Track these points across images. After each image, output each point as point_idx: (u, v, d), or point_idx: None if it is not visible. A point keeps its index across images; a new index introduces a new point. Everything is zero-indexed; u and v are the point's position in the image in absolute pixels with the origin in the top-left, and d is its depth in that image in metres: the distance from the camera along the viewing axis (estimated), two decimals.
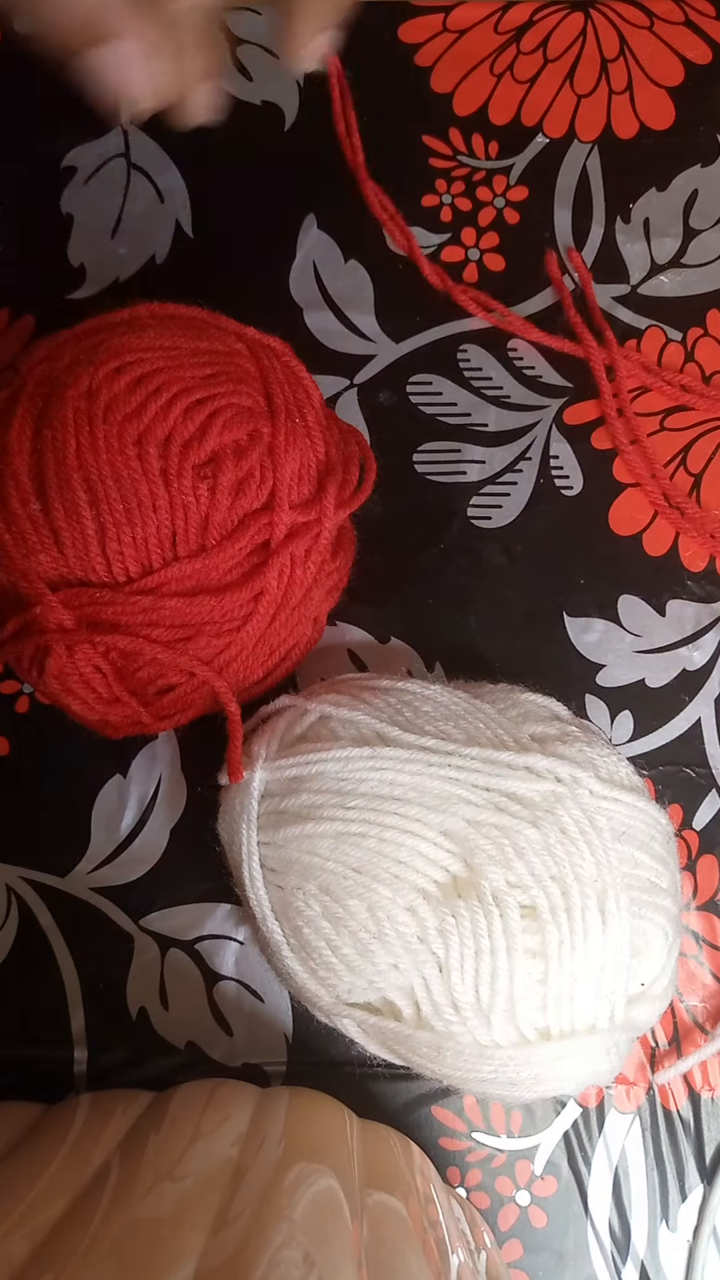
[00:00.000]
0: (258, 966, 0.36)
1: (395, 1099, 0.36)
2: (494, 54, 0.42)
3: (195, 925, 0.37)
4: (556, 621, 0.39)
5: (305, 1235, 0.24)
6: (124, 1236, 0.24)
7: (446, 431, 0.40)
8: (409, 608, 0.39)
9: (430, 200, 0.41)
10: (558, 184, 0.41)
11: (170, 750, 0.38)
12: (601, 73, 0.42)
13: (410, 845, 0.28)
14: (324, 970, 0.29)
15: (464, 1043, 0.28)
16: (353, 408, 0.40)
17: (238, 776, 0.30)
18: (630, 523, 0.39)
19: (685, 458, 0.39)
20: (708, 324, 0.40)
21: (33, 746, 0.38)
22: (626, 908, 0.28)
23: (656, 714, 0.38)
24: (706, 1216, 0.35)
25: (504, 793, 0.29)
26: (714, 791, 0.38)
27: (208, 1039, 0.36)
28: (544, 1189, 0.35)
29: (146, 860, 0.37)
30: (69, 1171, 0.27)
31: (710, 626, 0.38)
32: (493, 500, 0.39)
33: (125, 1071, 0.36)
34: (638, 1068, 0.36)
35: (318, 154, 0.41)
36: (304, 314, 0.40)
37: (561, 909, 0.28)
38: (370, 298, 0.40)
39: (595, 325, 0.40)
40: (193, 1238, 0.24)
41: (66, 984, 0.36)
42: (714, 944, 0.37)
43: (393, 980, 0.29)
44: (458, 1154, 0.36)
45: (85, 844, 0.37)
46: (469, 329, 0.40)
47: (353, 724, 0.31)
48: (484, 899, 0.28)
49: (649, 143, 0.41)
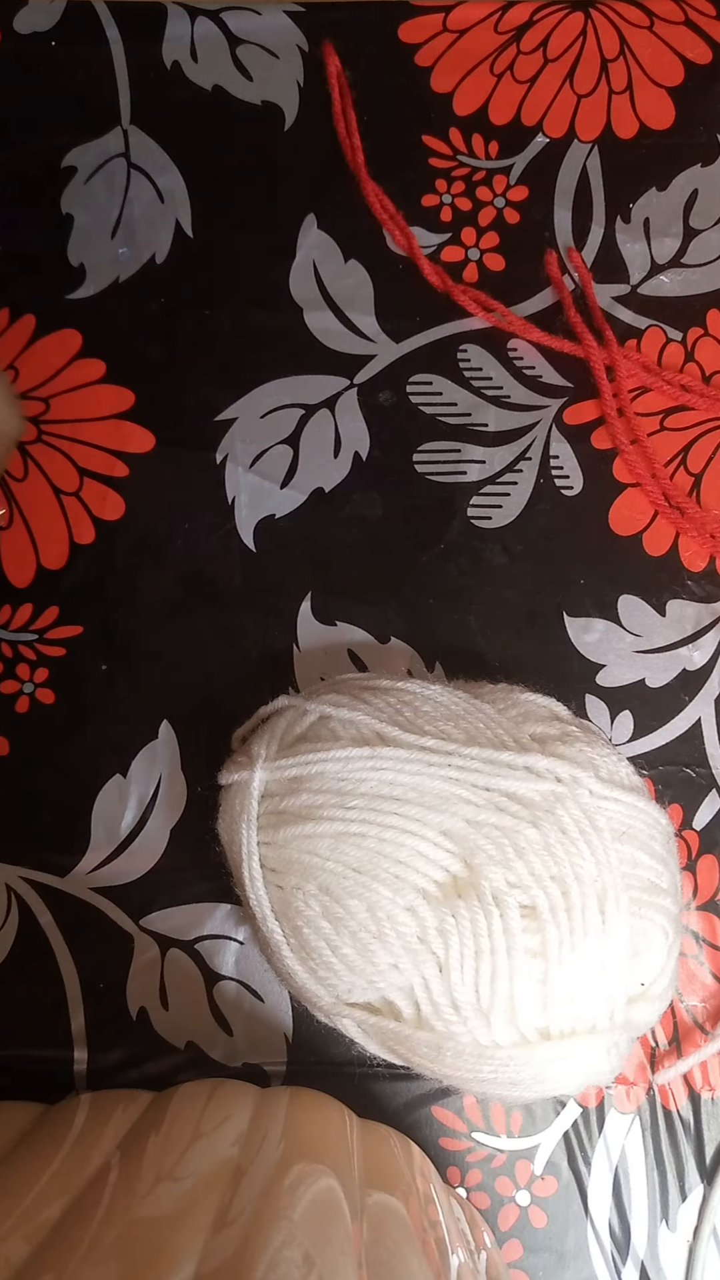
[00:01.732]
0: (258, 966, 0.36)
1: (395, 1099, 0.36)
2: (494, 54, 0.42)
3: (195, 925, 0.37)
4: (556, 621, 0.39)
5: (305, 1235, 0.24)
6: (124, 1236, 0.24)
7: (446, 431, 0.40)
8: (409, 608, 0.39)
9: (430, 200, 0.41)
10: (558, 184, 0.41)
11: (170, 750, 0.38)
12: (601, 72, 0.42)
13: (410, 845, 0.28)
14: (324, 970, 0.29)
15: (464, 1043, 0.28)
16: (353, 408, 0.40)
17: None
18: (630, 523, 0.39)
19: (685, 457, 0.39)
20: (708, 324, 0.40)
21: (33, 746, 0.38)
22: (626, 908, 0.28)
23: (656, 714, 0.38)
24: (706, 1216, 0.35)
25: (504, 793, 0.29)
26: (714, 791, 0.38)
27: (208, 1039, 0.36)
28: (544, 1189, 0.35)
29: (146, 860, 0.37)
30: (69, 1171, 0.27)
31: (710, 626, 0.38)
32: (493, 500, 0.39)
33: (125, 1071, 0.36)
34: (638, 1068, 0.36)
35: (318, 154, 0.41)
36: (304, 314, 0.40)
37: (561, 909, 0.28)
38: (370, 298, 0.40)
39: (595, 325, 0.40)
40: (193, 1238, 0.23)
41: (66, 984, 0.36)
42: (714, 944, 0.37)
43: (393, 980, 0.29)
44: (458, 1154, 0.36)
45: (85, 844, 0.37)
46: (469, 329, 0.40)
47: (353, 724, 0.31)
48: (484, 899, 0.28)
49: (649, 143, 0.41)
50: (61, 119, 0.41)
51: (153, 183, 0.41)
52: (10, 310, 0.40)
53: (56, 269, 0.40)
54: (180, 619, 0.39)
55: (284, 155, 0.41)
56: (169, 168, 0.41)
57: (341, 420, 0.40)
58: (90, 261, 0.41)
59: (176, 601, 0.39)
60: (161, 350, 0.40)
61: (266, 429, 0.40)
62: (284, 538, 0.39)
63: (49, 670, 0.38)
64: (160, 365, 0.40)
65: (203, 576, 0.39)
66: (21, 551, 0.39)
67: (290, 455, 0.39)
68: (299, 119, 0.41)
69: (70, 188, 0.41)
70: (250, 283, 0.41)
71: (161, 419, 0.40)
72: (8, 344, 0.40)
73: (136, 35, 0.42)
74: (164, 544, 0.39)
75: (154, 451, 0.40)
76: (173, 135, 0.41)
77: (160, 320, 0.40)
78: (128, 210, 0.41)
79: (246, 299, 0.40)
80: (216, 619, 0.39)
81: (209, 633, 0.38)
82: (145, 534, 0.39)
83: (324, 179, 0.41)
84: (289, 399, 0.40)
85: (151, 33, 0.42)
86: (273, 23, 0.42)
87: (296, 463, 0.39)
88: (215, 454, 0.39)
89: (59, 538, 0.39)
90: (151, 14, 0.42)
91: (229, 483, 0.39)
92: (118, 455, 0.39)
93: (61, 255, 0.40)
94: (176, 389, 0.40)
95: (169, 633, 0.38)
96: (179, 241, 0.41)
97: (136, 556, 0.39)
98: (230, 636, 0.38)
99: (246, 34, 0.42)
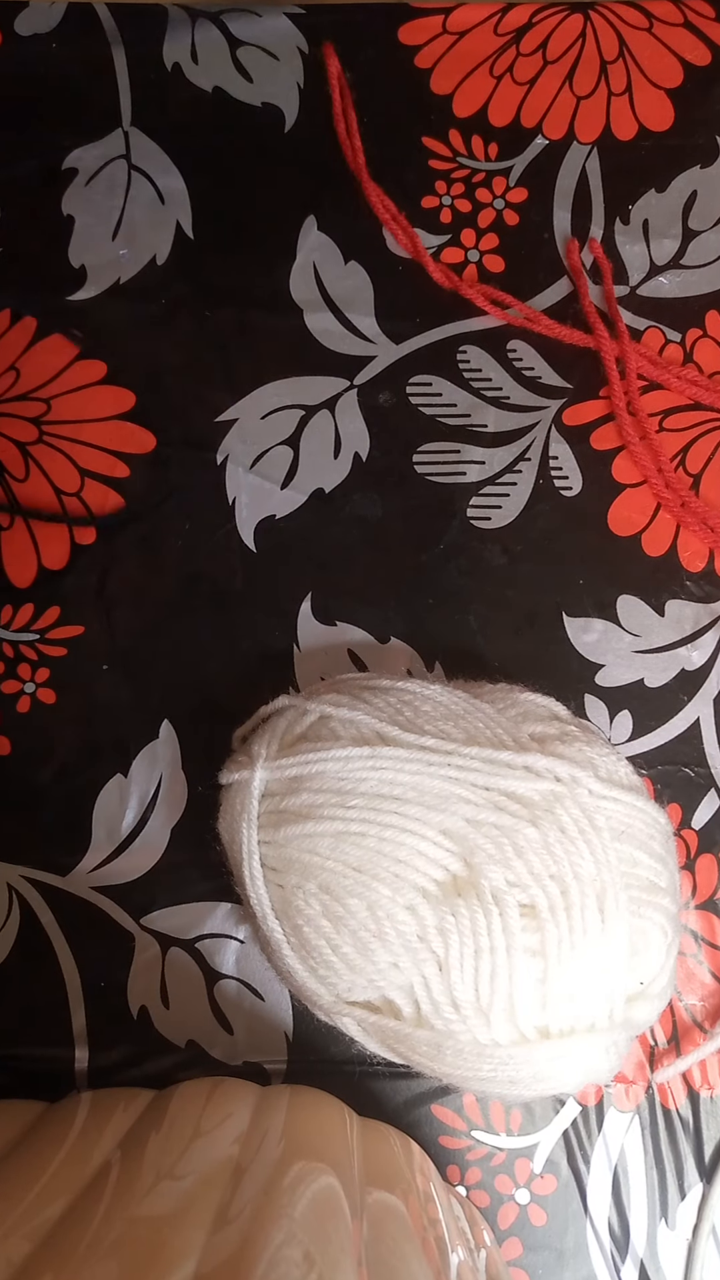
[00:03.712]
0: (258, 965, 0.37)
1: (395, 1097, 0.36)
2: (494, 55, 0.42)
3: (196, 924, 0.37)
4: (556, 621, 0.39)
5: (305, 1233, 0.24)
6: (124, 1235, 0.24)
7: (446, 432, 0.40)
8: (409, 608, 0.39)
9: (430, 202, 0.41)
10: (557, 185, 0.41)
11: (170, 750, 0.38)
12: (601, 74, 0.42)
13: (410, 844, 0.29)
14: (324, 969, 0.29)
15: (463, 1041, 0.28)
16: (353, 409, 0.40)
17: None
18: (629, 523, 0.39)
19: (685, 457, 0.40)
20: (706, 325, 0.40)
21: (33, 746, 0.38)
22: (625, 907, 0.28)
23: (655, 714, 0.38)
24: (705, 1215, 0.35)
25: (503, 792, 0.29)
26: (713, 791, 0.38)
27: (208, 1037, 0.36)
28: (543, 1187, 0.35)
29: (147, 859, 0.37)
30: (69, 1170, 0.27)
31: (709, 626, 0.39)
32: (492, 501, 0.39)
33: (126, 1070, 0.36)
34: (637, 1066, 0.36)
35: (318, 155, 0.41)
36: (304, 315, 0.40)
37: (561, 908, 0.28)
38: (370, 299, 0.40)
39: (609, 317, 0.40)
40: (193, 1236, 0.24)
41: (67, 982, 0.36)
42: (713, 943, 0.37)
43: (392, 979, 0.29)
44: (457, 1152, 0.36)
45: (86, 843, 0.37)
46: (469, 330, 0.40)
47: (353, 724, 0.31)
48: (483, 898, 0.28)
49: (648, 144, 0.41)
50: (62, 121, 0.41)
51: (153, 184, 0.41)
52: (11, 311, 0.40)
53: (57, 270, 0.40)
54: (181, 619, 0.39)
55: (284, 157, 0.41)
56: (169, 169, 0.41)
57: (342, 421, 0.40)
58: (91, 263, 0.41)
59: (177, 602, 0.39)
60: (162, 351, 0.40)
61: (267, 430, 0.40)
62: (284, 538, 0.39)
63: (50, 670, 0.38)
64: (161, 366, 0.40)
65: (203, 577, 0.39)
66: (22, 552, 0.39)
67: (290, 456, 0.40)
68: (299, 121, 0.42)
69: (71, 189, 0.41)
70: (250, 284, 0.41)
71: (162, 420, 0.40)
72: (8, 345, 0.40)
73: (137, 37, 0.42)
74: (165, 544, 0.39)
75: (155, 452, 0.40)
76: (173, 137, 0.41)
77: (160, 321, 0.40)
78: (128, 212, 0.41)
79: (247, 300, 0.40)
80: (217, 619, 0.39)
81: (209, 633, 0.39)
82: (146, 534, 0.39)
83: (324, 180, 0.41)
84: (289, 400, 0.40)
85: (152, 35, 0.42)
86: (273, 25, 0.42)
87: (297, 463, 0.40)
88: (216, 455, 0.40)
89: (60, 538, 0.39)
90: (152, 16, 0.42)
91: (229, 483, 0.39)
92: (118, 456, 0.40)
93: (62, 256, 0.41)
94: (177, 390, 0.40)
95: (169, 633, 0.39)
96: (179, 243, 0.41)
97: (137, 556, 0.39)
98: (230, 636, 0.39)
99: (247, 36, 0.42)
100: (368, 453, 0.40)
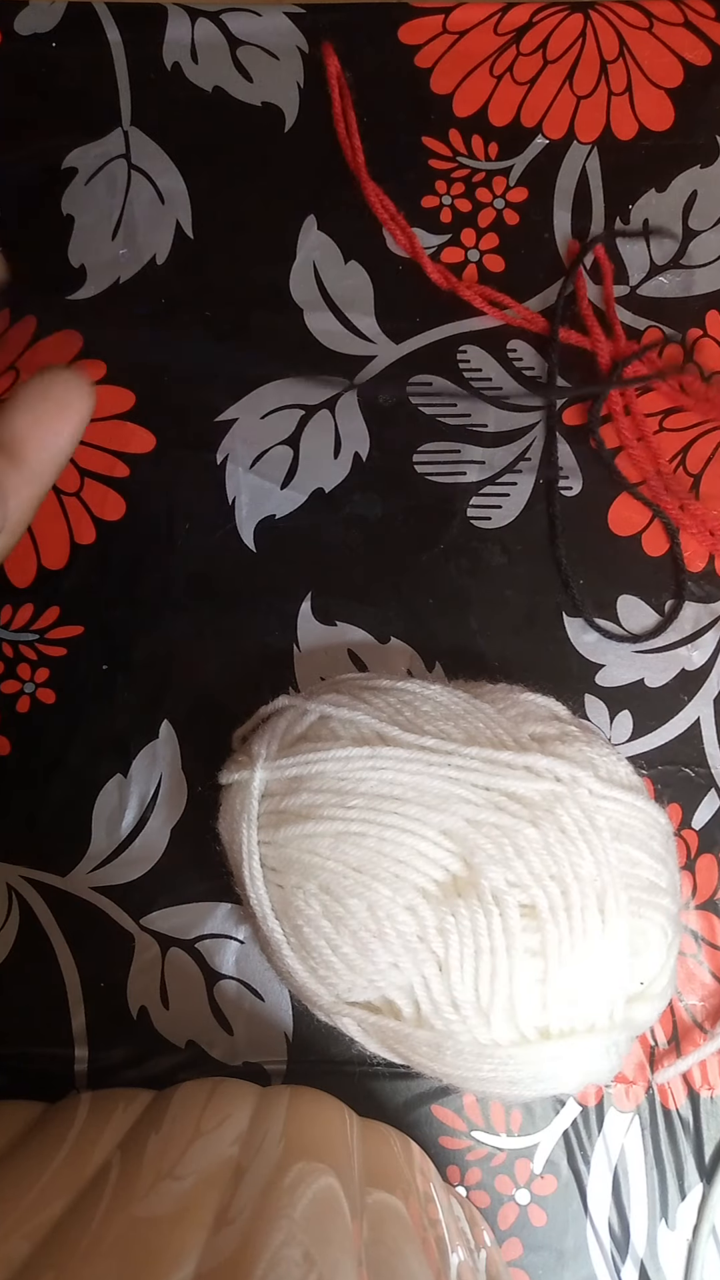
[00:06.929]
0: (258, 965, 0.37)
1: (395, 1098, 0.36)
2: (494, 55, 0.42)
3: (196, 924, 0.37)
4: (556, 621, 0.39)
5: (305, 1234, 0.24)
6: (124, 1235, 0.24)
7: (446, 432, 0.40)
8: (409, 608, 0.39)
9: (430, 201, 0.41)
10: (557, 185, 0.41)
11: (170, 750, 0.38)
12: (601, 74, 0.42)
13: (410, 844, 0.29)
14: (324, 969, 0.29)
15: (463, 1041, 0.28)
16: (353, 408, 0.40)
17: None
18: (629, 523, 0.39)
19: (684, 458, 0.40)
20: (707, 325, 0.40)
21: (33, 746, 0.38)
22: (626, 907, 0.28)
23: (655, 714, 0.38)
24: (706, 1215, 0.35)
25: (504, 792, 0.29)
26: (713, 791, 0.38)
27: (208, 1038, 0.36)
28: (543, 1188, 0.35)
29: (147, 860, 0.37)
30: (69, 1170, 0.27)
31: (709, 626, 0.39)
32: (492, 501, 0.39)
33: (125, 1070, 0.36)
34: (637, 1067, 0.36)
35: (318, 154, 0.41)
36: (304, 315, 0.40)
37: (561, 908, 0.28)
38: (370, 299, 0.40)
39: (607, 319, 0.40)
40: (193, 1236, 0.24)
41: (67, 983, 0.36)
42: (713, 943, 0.37)
43: (392, 979, 0.29)
44: (457, 1152, 0.36)
45: (86, 843, 0.37)
46: (469, 330, 0.40)
47: (353, 724, 0.31)
48: (484, 898, 0.28)
49: (648, 144, 0.41)
50: (62, 120, 0.41)
51: (153, 184, 0.41)
52: (11, 312, 0.40)
53: (57, 270, 0.40)
54: (181, 619, 0.39)
55: (284, 156, 0.41)
56: (169, 169, 0.41)
57: (341, 421, 0.40)
58: (91, 262, 0.41)
59: (177, 601, 0.39)
60: (162, 351, 0.40)
61: (267, 430, 0.40)
62: (284, 538, 0.39)
63: (50, 670, 0.38)
64: (161, 366, 0.40)
65: (203, 577, 0.39)
66: (22, 552, 0.39)
67: (290, 456, 0.40)
68: (299, 120, 0.42)
69: (71, 189, 0.41)
70: (250, 284, 0.41)
71: (162, 420, 0.40)
72: (9, 345, 0.40)
73: (137, 37, 0.42)
74: (165, 544, 0.39)
75: (155, 452, 0.40)
76: (173, 136, 0.41)
77: (161, 321, 0.40)
78: (128, 211, 0.41)
79: (247, 300, 0.40)
80: (217, 619, 0.39)
81: (209, 633, 0.39)
82: (146, 534, 0.39)
83: (324, 180, 0.41)
84: (289, 400, 0.40)
85: (152, 34, 0.42)
86: (273, 24, 0.42)
87: (297, 463, 0.40)
88: (216, 454, 0.40)
89: (60, 538, 0.39)
90: (152, 16, 0.42)
91: (229, 483, 0.39)
92: (119, 456, 0.40)
93: (62, 256, 0.41)
94: (177, 390, 0.40)
95: (169, 633, 0.39)
96: (179, 242, 0.41)
97: (137, 557, 0.39)
98: (230, 636, 0.38)
99: (247, 35, 0.42)
100: (368, 453, 0.40)
